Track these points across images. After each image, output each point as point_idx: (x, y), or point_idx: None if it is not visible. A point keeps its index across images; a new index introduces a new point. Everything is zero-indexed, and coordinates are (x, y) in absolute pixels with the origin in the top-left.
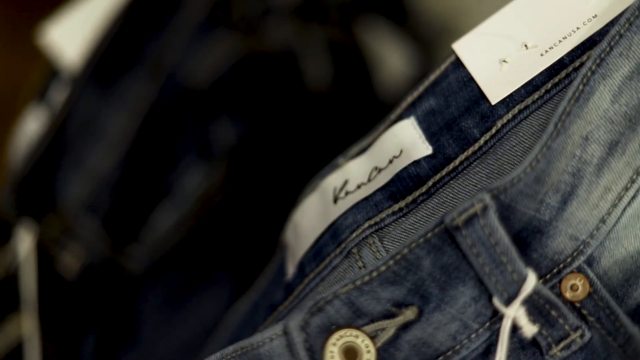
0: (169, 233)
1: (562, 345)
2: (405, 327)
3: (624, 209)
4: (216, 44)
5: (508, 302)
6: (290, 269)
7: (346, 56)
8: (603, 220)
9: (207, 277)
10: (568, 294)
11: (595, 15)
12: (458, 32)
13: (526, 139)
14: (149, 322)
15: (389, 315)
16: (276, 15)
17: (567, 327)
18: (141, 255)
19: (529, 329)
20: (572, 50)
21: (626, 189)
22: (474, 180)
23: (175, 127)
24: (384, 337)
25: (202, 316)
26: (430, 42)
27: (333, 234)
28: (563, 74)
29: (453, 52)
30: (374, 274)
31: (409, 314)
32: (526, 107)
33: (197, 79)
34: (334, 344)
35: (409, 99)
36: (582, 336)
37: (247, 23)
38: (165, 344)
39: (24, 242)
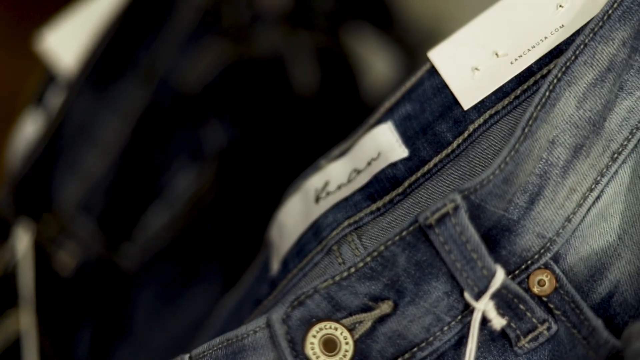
0: (161, 232)
1: (530, 337)
2: (382, 320)
3: (589, 209)
4: (207, 49)
5: (478, 296)
6: (275, 265)
7: (333, 62)
8: (569, 219)
9: (197, 274)
10: (535, 289)
11: (562, 26)
12: (442, 39)
13: (496, 143)
14: (142, 317)
15: (366, 309)
16: (265, 22)
17: (534, 320)
18: (134, 254)
19: (498, 322)
20: (540, 59)
21: (590, 189)
22: (447, 182)
23: (167, 130)
24: (362, 329)
25: (193, 311)
26: (415, 48)
27: (315, 232)
28: (531, 81)
29: (428, 59)
30: (352, 270)
31: (385, 307)
32: (496, 112)
33: (188, 84)
34: (314, 336)
35: (387, 105)
36: (548, 329)
37: (236, 29)
38: (157, 338)
39: (22, 241)
